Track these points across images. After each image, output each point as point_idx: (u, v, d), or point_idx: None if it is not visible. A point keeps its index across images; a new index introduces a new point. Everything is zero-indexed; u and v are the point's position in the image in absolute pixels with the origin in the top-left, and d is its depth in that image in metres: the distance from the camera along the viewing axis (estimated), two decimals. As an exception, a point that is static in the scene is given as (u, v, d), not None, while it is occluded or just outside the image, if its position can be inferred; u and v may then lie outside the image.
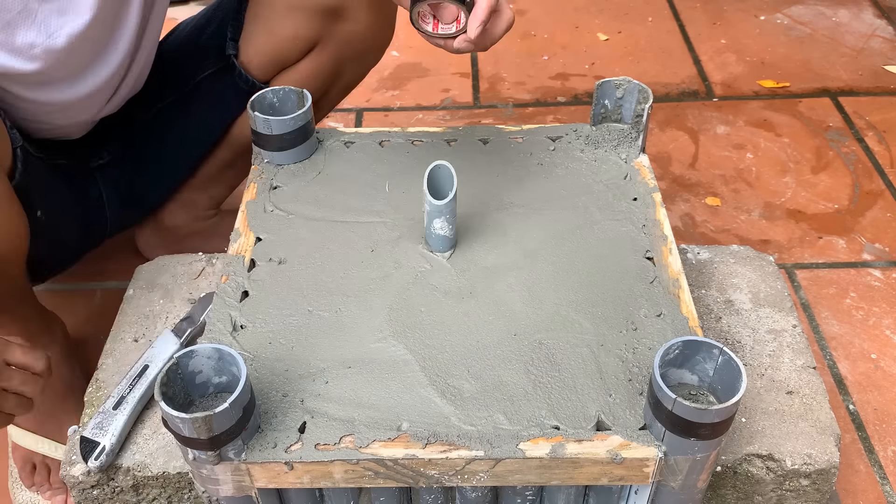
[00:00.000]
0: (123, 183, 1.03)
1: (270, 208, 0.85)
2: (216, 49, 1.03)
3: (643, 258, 0.79)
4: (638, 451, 0.63)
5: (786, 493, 0.78)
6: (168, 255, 0.98)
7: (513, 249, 0.80)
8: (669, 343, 0.62)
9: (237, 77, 1.03)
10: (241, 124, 1.08)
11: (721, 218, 1.33)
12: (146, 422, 0.78)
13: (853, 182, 1.39)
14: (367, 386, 0.68)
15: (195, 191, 1.15)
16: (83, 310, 1.18)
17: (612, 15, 1.84)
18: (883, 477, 0.97)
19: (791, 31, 1.77)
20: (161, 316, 0.90)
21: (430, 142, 0.93)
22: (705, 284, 0.93)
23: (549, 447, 0.63)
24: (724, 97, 1.59)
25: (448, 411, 0.66)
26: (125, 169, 1.03)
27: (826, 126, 1.51)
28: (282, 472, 0.64)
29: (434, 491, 0.70)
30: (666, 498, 0.67)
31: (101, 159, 0.98)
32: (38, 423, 0.97)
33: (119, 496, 0.77)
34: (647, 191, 0.86)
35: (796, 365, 0.83)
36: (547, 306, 0.74)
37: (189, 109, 1.05)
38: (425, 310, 0.74)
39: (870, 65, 1.66)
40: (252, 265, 0.79)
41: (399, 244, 0.80)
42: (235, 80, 1.03)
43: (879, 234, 1.29)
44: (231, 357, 0.61)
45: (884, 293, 1.19)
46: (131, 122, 1.02)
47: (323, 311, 0.74)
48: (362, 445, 0.64)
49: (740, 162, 1.43)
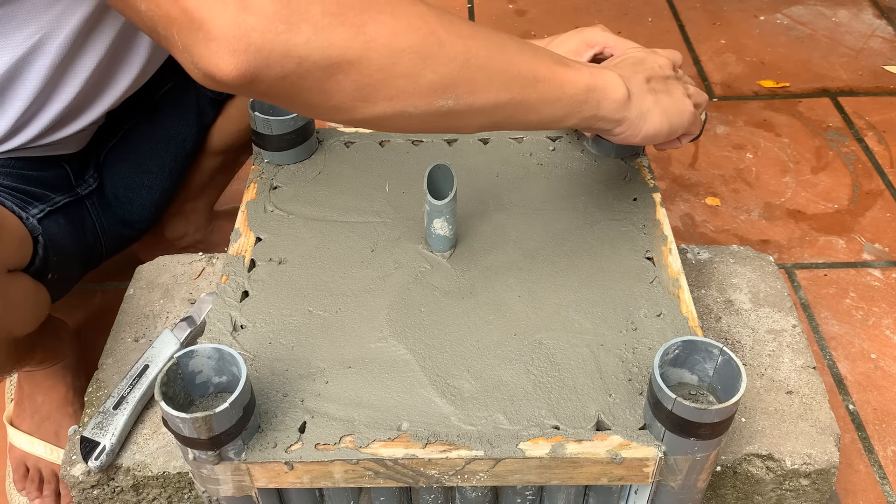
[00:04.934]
0: (113, 207, 1.01)
1: (270, 208, 0.85)
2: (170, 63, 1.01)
3: (643, 258, 0.79)
4: (638, 450, 0.63)
5: (786, 493, 0.78)
6: (168, 255, 0.98)
7: (513, 249, 0.80)
8: (669, 343, 0.62)
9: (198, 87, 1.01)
10: (216, 131, 1.07)
11: (721, 218, 1.33)
12: (146, 422, 0.78)
13: (853, 182, 1.39)
14: (367, 386, 0.68)
15: (190, 201, 1.14)
16: (83, 310, 1.18)
17: (612, 15, 1.84)
18: (883, 477, 0.97)
19: (791, 31, 1.77)
20: (161, 316, 0.90)
21: (430, 142, 0.93)
22: (705, 284, 0.93)
23: (548, 447, 0.63)
24: (723, 97, 1.59)
25: (448, 411, 0.66)
26: (111, 193, 1.01)
27: (826, 126, 1.51)
28: (282, 472, 0.64)
29: (434, 491, 0.71)
30: (666, 498, 0.67)
31: (89, 186, 0.97)
32: (35, 424, 0.97)
33: (119, 496, 0.77)
34: (647, 191, 0.86)
35: (796, 365, 0.84)
36: (547, 306, 0.74)
37: (157, 127, 1.03)
38: (425, 310, 0.74)
39: (869, 65, 1.66)
40: (252, 265, 0.79)
41: (399, 244, 0.81)
42: (198, 89, 1.01)
43: (879, 234, 1.29)
44: (231, 357, 0.61)
45: (883, 293, 1.19)
46: (102, 146, 1.01)
47: (323, 311, 0.74)
48: (362, 445, 0.64)
49: (740, 162, 1.44)
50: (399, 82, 0.54)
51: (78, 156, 0.94)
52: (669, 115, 0.70)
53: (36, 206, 0.86)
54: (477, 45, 0.57)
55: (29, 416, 0.97)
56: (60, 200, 0.91)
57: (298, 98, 0.53)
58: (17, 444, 0.97)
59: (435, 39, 0.54)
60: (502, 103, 0.59)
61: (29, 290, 0.79)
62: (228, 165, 1.15)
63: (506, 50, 0.59)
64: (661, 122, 0.69)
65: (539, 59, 0.61)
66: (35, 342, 0.89)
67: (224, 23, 0.48)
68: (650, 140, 0.70)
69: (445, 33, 0.55)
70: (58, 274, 0.85)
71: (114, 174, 1.00)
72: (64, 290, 0.93)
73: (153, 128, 1.03)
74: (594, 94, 0.64)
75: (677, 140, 0.75)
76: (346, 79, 0.52)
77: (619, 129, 0.68)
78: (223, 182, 1.18)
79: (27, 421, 0.97)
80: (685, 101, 0.72)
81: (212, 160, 1.10)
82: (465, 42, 0.56)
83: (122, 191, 1.02)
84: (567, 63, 0.63)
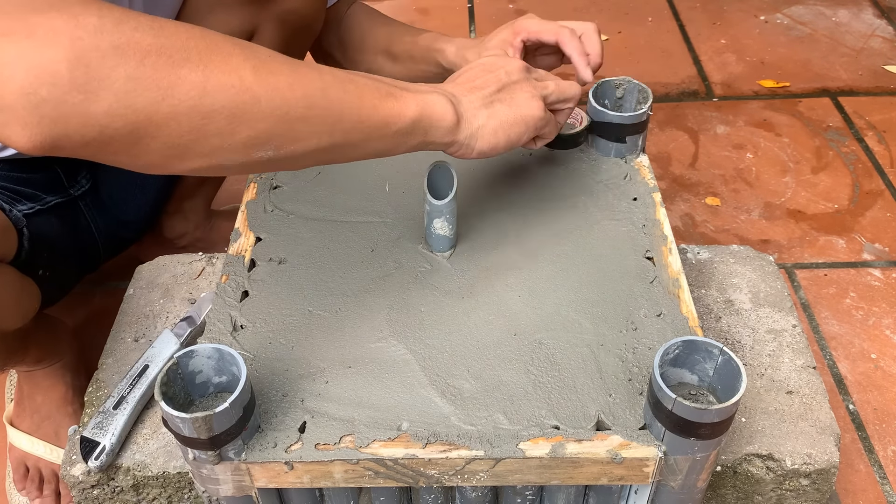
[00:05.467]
0: (108, 207, 1.01)
1: (270, 208, 0.85)
2: None
3: (643, 258, 0.79)
4: (638, 450, 0.63)
5: (786, 493, 0.78)
6: (168, 255, 0.98)
7: (513, 249, 0.80)
8: (669, 343, 0.62)
9: None
10: None
11: (721, 218, 1.33)
12: (146, 422, 0.78)
13: (853, 182, 1.39)
14: (367, 386, 0.68)
15: (187, 199, 1.14)
16: (83, 310, 1.18)
17: (612, 15, 1.84)
18: (883, 477, 0.97)
19: (791, 31, 1.77)
20: (161, 316, 0.90)
21: (430, 142, 0.93)
22: (705, 284, 0.93)
23: (549, 447, 0.63)
24: (723, 97, 1.59)
25: (448, 411, 0.66)
26: (105, 193, 1.01)
27: (826, 126, 1.51)
28: (282, 471, 0.64)
29: (434, 491, 0.70)
30: (666, 498, 0.67)
31: (82, 187, 0.97)
32: (35, 424, 0.97)
33: (119, 496, 0.77)
34: (647, 191, 0.86)
35: (796, 365, 0.84)
36: (547, 306, 0.74)
37: None
38: (425, 310, 0.74)
39: (870, 65, 1.66)
40: (252, 265, 0.79)
41: (399, 244, 0.81)
42: None
43: (879, 233, 1.29)
44: (231, 357, 0.61)
45: (884, 293, 1.19)
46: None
47: (323, 311, 0.74)
48: (362, 445, 0.64)
49: (740, 162, 1.44)
50: (213, 140, 0.51)
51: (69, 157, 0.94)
52: (506, 127, 0.68)
53: (25, 203, 0.86)
54: (296, 96, 0.54)
55: (28, 416, 0.97)
56: (52, 201, 0.91)
57: (107, 159, 0.50)
58: (16, 443, 0.97)
59: (250, 96, 0.52)
60: (324, 148, 0.58)
61: (14, 283, 0.78)
62: None
63: (328, 95, 0.57)
64: (497, 137, 0.68)
65: (364, 98, 0.59)
66: (28, 340, 0.89)
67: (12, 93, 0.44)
68: (488, 155, 0.69)
69: (262, 88, 0.52)
70: (50, 272, 0.85)
71: (107, 175, 1.00)
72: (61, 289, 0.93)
73: None
74: (420, 124, 0.63)
75: (532, 142, 0.74)
76: (153, 142, 0.49)
77: (451, 150, 0.67)
78: (219, 179, 1.18)
79: (27, 421, 0.97)
80: (530, 107, 0.70)
81: None
82: (282, 95, 0.53)
83: (115, 191, 1.02)
84: (396, 95, 0.62)
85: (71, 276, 0.96)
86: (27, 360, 0.92)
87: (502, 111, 0.69)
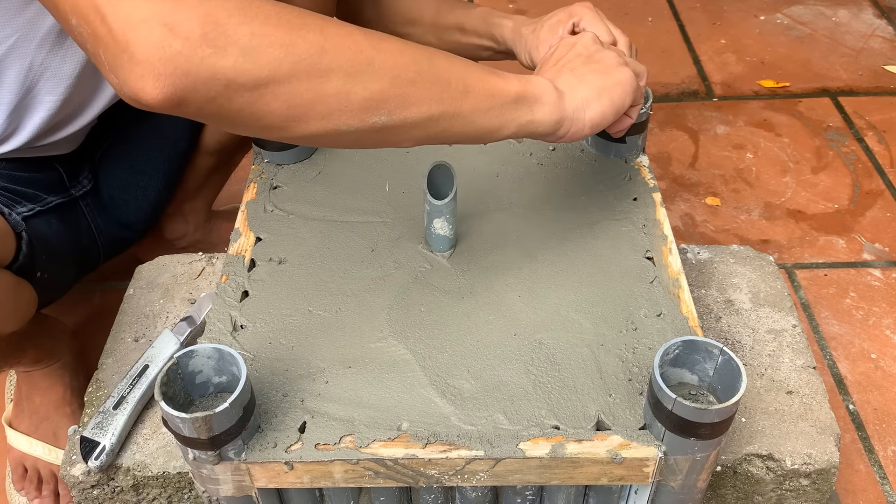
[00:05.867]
0: (109, 208, 1.01)
1: (270, 208, 0.85)
2: None
3: (643, 258, 0.79)
4: (638, 450, 0.63)
5: (786, 493, 0.78)
6: (168, 255, 0.98)
7: (513, 249, 0.80)
8: (669, 343, 0.62)
9: None
10: (209, 130, 1.07)
11: (721, 218, 1.33)
12: (146, 422, 0.78)
13: (853, 182, 1.39)
14: (367, 386, 0.68)
15: (188, 201, 1.14)
16: (83, 310, 1.18)
17: (612, 15, 1.83)
18: (883, 477, 0.97)
19: (791, 31, 1.77)
20: (161, 316, 0.90)
21: (430, 142, 0.92)
22: (705, 284, 0.93)
23: (549, 447, 0.63)
24: (723, 97, 1.59)
25: (448, 411, 0.66)
26: (106, 194, 1.01)
27: (826, 126, 1.51)
28: (282, 471, 0.64)
29: (434, 491, 0.70)
30: (666, 498, 0.67)
31: (84, 187, 0.97)
32: (33, 425, 0.97)
33: (119, 496, 0.77)
34: (647, 191, 0.86)
35: (796, 365, 0.83)
36: (547, 306, 0.74)
37: (150, 127, 1.03)
38: (425, 310, 0.74)
39: (870, 65, 1.66)
40: (252, 265, 0.79)
41: (399, 244, 0.81)
42: None
43: (879, 233, 1.29)
44: (231, 357, 0.61)
45: (884, 293, 1.19)
46: (97, 148, 1.00)
47: (323, 311, 0.74)
48: (362, 445, 0.64)
49: (740, 162, 1.44)
50: (330, 101, 0.54)
51: (71, 157, 0.94)
52: (608, 91, 0.68)
53: (25, 205, 0.86)
54: (405, 60, 0.57)
55: (27, 417, 0.97)
56: (53, 201, 0.91)
57: (229, 119, 0.53)
58: (15, 444, 0.97)
59: (364, 57, 0.55)
60: (435, 116, 0.59)
61: (10, 287, 0.78)
62: (224, 164, 1.14)
63: (435, 64, 0.59)
64: (602, 103, 0.68)
65: (469, 71, 0.61)
66: (26, 341, 0.89)
67: (149, 46, 0.48)
68: (601, 126, 0.69)
69: (374, 50, 0.55)
70: (48, 273, 0.85)
71: (108, 175, 1.00)
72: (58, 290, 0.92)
73: (146, 129, 1.03)
74: (526, 99, 0.64)
75: (627, 116, 0.73)
76: (275, 100, 0.52)
77: (563, 130, 0.67)
78: (220, 181, 1.18)
79: (25, 422, 0.97)
80: (621, 70, 0.70)
81: (206, 159, 1.10)
82: (393, 58, 0.56)
83: (117, 192, 1.02)
84: (498, 74, 0.63)
85: (69, 278, 0.95)
86: (25, 360, 0.92)
87: (598, 80, 0.69)
